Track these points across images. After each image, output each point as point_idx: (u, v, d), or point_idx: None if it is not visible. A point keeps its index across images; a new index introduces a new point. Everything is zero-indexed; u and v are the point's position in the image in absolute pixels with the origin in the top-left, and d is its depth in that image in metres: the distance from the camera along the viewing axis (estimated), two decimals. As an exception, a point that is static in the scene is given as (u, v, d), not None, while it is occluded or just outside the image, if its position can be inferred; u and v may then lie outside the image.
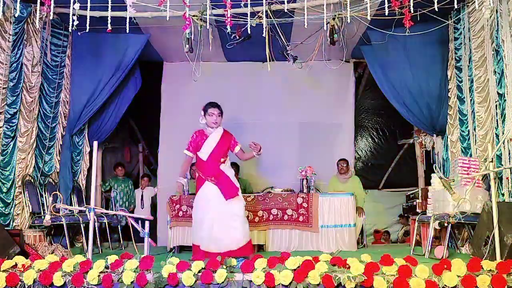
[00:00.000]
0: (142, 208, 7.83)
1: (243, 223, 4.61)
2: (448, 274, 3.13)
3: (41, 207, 5.74)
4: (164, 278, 3.24)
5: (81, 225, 5.51)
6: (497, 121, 4.85)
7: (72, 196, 6.31)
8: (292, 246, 5.87)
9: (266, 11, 5.14)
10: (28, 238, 5.07)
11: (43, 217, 5.22)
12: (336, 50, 6.43)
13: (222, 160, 4.67)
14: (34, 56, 5.74)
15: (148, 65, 7.52)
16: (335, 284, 3.14)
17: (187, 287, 3.21)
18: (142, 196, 7.94)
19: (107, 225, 6.21)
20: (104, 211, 5.48)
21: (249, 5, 4.86)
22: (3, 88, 5.36)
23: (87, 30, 4.33)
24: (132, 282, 3.23)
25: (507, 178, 4.62)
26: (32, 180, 5.74)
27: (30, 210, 5.54)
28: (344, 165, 7.01)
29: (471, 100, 5.53)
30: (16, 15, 4.98)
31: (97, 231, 5.65)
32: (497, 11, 4.77)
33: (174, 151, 7.67)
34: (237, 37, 5.63)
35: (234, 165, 6.92)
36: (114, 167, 8.13)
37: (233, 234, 4.47)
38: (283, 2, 4.50)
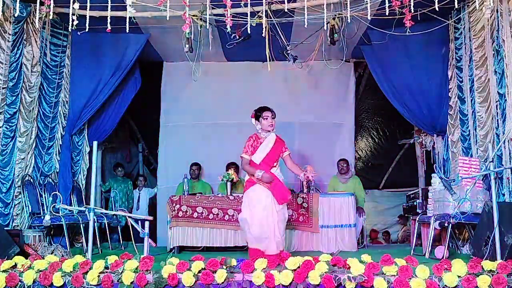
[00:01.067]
0: (138, 210, 7.82)
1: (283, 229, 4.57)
2: (448, 274, 3.13)
3: (41, 207, 5.73)
4: (164, 278, 3.23)
5: (81, 225, 5.50)
6: (497, 121, 4.85)
7: (71, 196, 6.29)
8: (292, 246, 5.86)
9: (266, 11, 5.13)
10: (28, 238, 5.06)
11: (42, 217, 5.21)
12: (336, 50, 6.42)
13: (274, 164, 4.62)
14: (33, 56, 5.74)
15: (148, 65, 7.51)
16: (335, 285, 3.14)
17: (187, 287, 3.21)
18: (139, 197, 7.94)
19: (107, 225, 6.21)
20: (104, 211, 5.47)
21: (249, 5, 4.86)
22: (3, 88, 5.35)
23: (87, 30, 4.33)
24: (132, 283, 3.22)
25: (508, 178, 4.61)
26: (31, 180, 5.74)
27: (30, 210, 5.54)
28: (345, 165, 7.01)
29: (471, 100, 5.52)
30: (16, 15, 4.97)
31: (96, 231, 5.65)
32: (497, 11, 4.76)
33: (174, 151, 7.72)
34: (237, 37, 5.62)
35: (234, 165, 6.93)
36: (113, 167, 8.14)
37: (281, 237, 4.44)
38: (283, 2, 4.50)
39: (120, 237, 6.53)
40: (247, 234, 4.41)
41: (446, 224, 4.64)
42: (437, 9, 4.28)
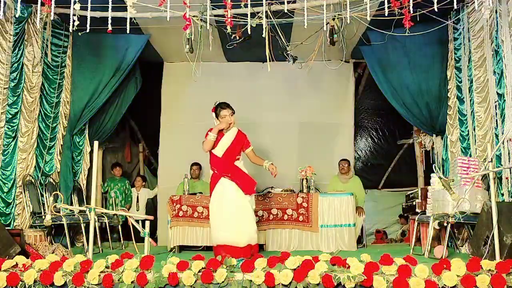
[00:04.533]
0: (137, 210, 7.84)
1: (255, 220, 4.71)
2: (447, 273, 3.14)
3: (42, 207, 5.74)
4: (164, 277, 3.25)
5: (82, 225, 5.52)
6: (496, 121, 4.86)
7: (72, 196, 6.32)
8: (292, 246, 5.88)
9: (266, 12, 5.14)
10: (29, 238, 5.07)
11: (43, 217, 5.23)
12: (336, 50, 6.43)
13: (237, 157, 4.69)
14: (34, 56, 5.75)
15: (148, 65, 7.53)
16: (335, 284, 3.15)
17: (187, 287, 3.22)
18: (137, 197, 7.96)
19: (107, 225, 6.22)
20: (105, 211, 5.49)
21: (249, 6, 4.86)
22: (4, 88, 5.37)
23: (88, 31, 4.33)
24: (132, 282, 3.23)
25: (507, 178, 4.63)
26: (32, 180, 5.75)
27: (31, 210, 5.55)
28: (346, 165, 7.02)
29: (470, 100, 5.54)
30: (17, 16, 4.99)
31: (97, 231, 5.66)
32: (496, 12, 4.78)
33: (174, 151, 7.73)
34: (237, 38, 5.63)
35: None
36: (111, 167, 8.14)
37: (252, 229, 4.56)
38: (283, 3, 4.50)
39: (121, 236, 6.55)
40: (215, 232, 4.59)
41: (445, 224, 4.65)
42: (436, 9, 4.29)
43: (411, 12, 4.47)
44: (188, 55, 5.68)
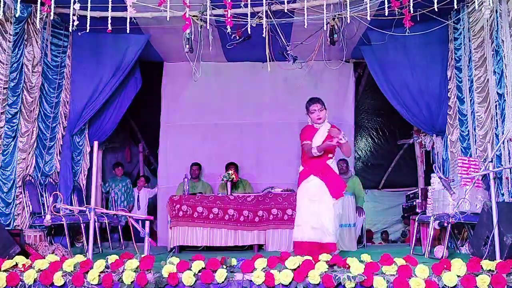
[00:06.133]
0: (139, 209, 7.84)
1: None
2: (448, 274, 3.14)
3: (42, 207, 5.74)
4: (164, 278, 3.25)
5: (82, 225, 5.51)
6: (496, 121, 4.86)
7: (72, 196, 6.31)
8: (292, 246, 5.87)
9: (266, 11, 5.14)
10: (29, 238, 5.06)
11: (43, 217, 5.22)
12: (336, 50, 6.43)
13: (330, 155, 4.59)
14: (34, 56, 5.75)
15: (148, 65, 7.52)
16: (335, 284, 3.15)
17: (187, 287, 3.22)
18: (138, 197, 7.96)
19: (107, 225, 6.22)
20: (105, 211, 5.49)
21: (249, 5, 4.87)
22: (4, 88, 5.37)
23: (88, 30, 4.34)
24: (132, 282, 3.23)
25: (507, 178, 4.63)
26: (32, 180, 5.75)
27: (31, 210, 5.54)
28: (344, 165, 7.01)
29: (471, 100, 5.53)
30: (17, 15, 4.98)
31: (97, 231, 5.66)
32: (496, 11, 4.77)
33: (174, 151, 7.73)
34: (237, 37, 5.63)
35: (233, 165, 6.94)
36: (113, 166, 8.15)
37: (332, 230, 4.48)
38: (283, 2, 4.50)
39: (121, 236, 6.55)
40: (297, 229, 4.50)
41: (445, 224, 4.64)
42: (436, 9, 4.29)
43: (411, 12, 4.48)
44: (188, 55, 5.68)
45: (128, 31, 4.43)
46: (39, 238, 5.17)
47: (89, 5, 4.23)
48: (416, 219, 5.39)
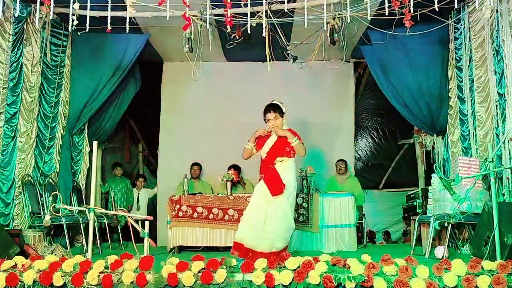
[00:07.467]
0: (138, 210, 7.83)
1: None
2: (448, 274, 3.13)
3: (41, 207, 5.73)
4: (164, 278, 3.23)
5: (81, 225, 5.50)
6: (497, 121, 4.85)
7: (72, 196, 6.30)
8: (292, 246, 5.86)
9: (266, 11, 5.13)
10: (28, 238, 5.06)
11: (43, 217, 5.21)
12: (336, 50, 6.43)
13: (279, 160, 4.61)
14: (34, 56, 5.74)
15: (148, 65, 7.52)
16: (335, 284, 3.13)
17: (187, 287, 3.21)
18: (138, 197, 7.95)
19: (107, 225, 6.21)
20: (104, 211, 5.48)
21: (249, 5, 4.86)
22: (3, 88, 5.36)
23: (87, 30, 4.33)
24: (132, 282, 3.22)
25: (508, 178, 4.61)
26: (32, 180, 5.74)
27: (30, 210, 5.53)
28: (343, 166, 7.01)
29: (471, 100, 5.52)
30: (16, 15, 4.97)
31: (97, 231, 5.65)
32: (497, 11, 4.76)
33: (174, 151, 7.72)
34: (237, 37, 5.63)
35: (235, 167, 6.93)
36: (112, 167, 8.14)
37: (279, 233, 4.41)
38: (283, 2, 4.50)
39: (120, 237, 6.54)
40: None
41: (446, 224, 4.64)
42: (437, 9, 4.28)
43: (412, 11, 4.47)
44: (188, 54, 5.67)
45: (127, 31, 4.42)
46: (38, 238, 5.17)
47: (88, 4, 4.23)
48: (417, 219, 5.39)
